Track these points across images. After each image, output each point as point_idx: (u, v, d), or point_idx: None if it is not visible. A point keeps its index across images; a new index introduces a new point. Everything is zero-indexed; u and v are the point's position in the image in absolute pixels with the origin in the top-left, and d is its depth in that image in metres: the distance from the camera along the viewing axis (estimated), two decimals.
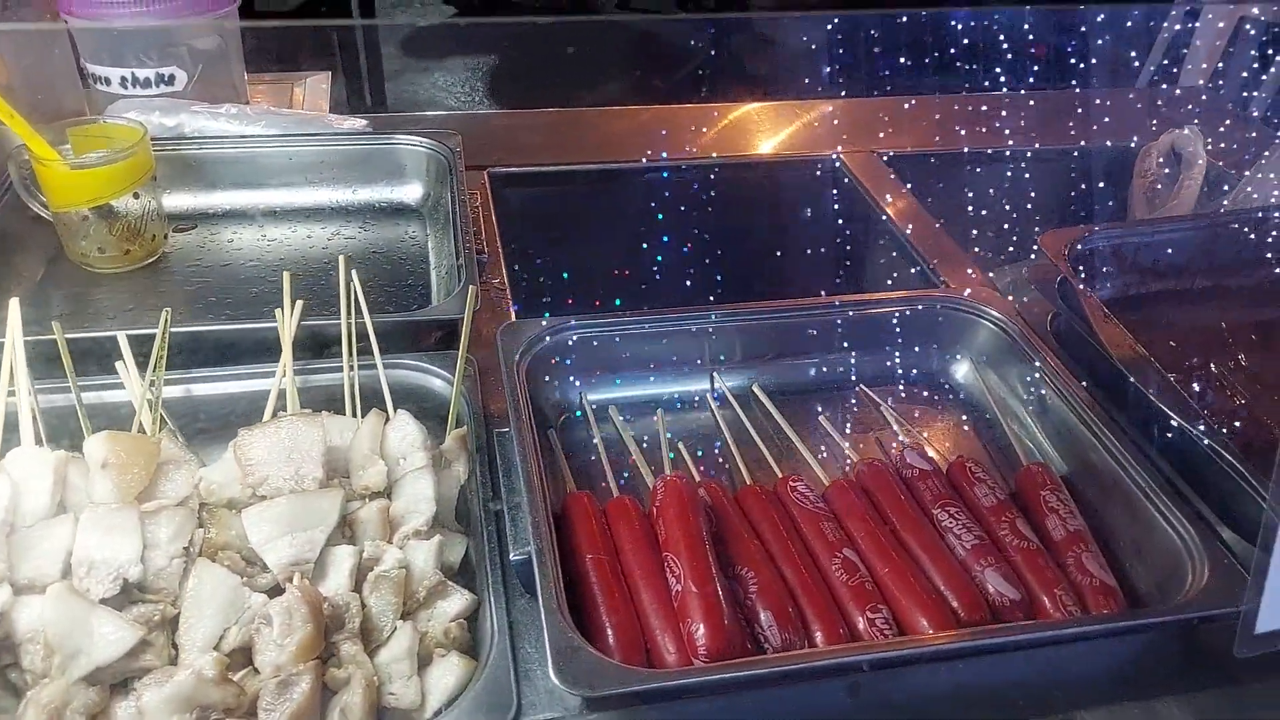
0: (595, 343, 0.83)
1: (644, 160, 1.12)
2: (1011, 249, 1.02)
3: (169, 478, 0.65)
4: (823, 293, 0.91)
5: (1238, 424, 0.73)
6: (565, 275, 1.06)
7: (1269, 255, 0.87)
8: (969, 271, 0.95)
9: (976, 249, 1.02)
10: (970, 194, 1.16)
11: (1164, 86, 1.43)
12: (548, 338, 0.81)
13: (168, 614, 0.58)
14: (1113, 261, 0.88)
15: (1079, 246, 0.86)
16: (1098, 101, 1.35)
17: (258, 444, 0.65)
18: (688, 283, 1.02)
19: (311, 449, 0.65)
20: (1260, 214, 0.88)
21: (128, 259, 0.94)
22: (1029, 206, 1.15)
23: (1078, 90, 1.34)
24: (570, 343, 0.82)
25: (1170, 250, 0.87)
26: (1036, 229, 1.13)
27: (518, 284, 0.94)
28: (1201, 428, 0.68)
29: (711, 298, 0.94)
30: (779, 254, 1.05)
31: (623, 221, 1.09)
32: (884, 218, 1.05)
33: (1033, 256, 0.89)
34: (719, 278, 1.03)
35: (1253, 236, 0.86)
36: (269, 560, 0.60)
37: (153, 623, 0.57)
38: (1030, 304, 0.88)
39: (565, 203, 1.12)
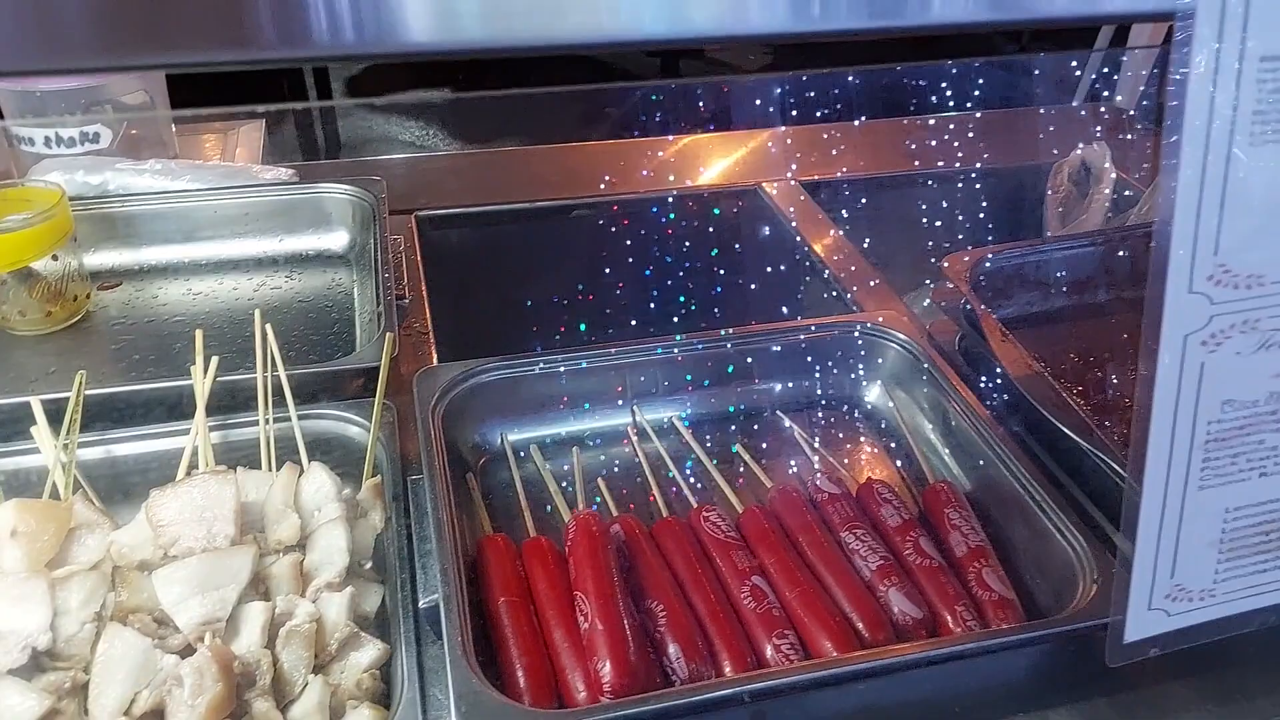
0: (515, 383, 0.84)
1: (567, 198, 1.14)
2: (929, 271, 1.05)
3: (81, 542, 0.66)
4: (753, 321, 0.93)
5: (1127, 433, 0.76)
6: (491, 315, 1.08)
7: None
8: (885, 296, 0.98)
9: (895, 273, 1.05)
10: (890, 218, 1.20)
11: (1091, 104, 1.47)
12: (466, 381, 0.82)
13: (79, 681, 0.58)
14: (1015, 280, 0.91)
15: (981, 268, 0.89)
16: (1023, 121, 1.39)
17: (169, 504, 0.66)
18: (613, 317, 1.04)
19: (223, 507, 0.66)
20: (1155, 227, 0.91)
21: (50, 321, 0.95)
22: (950, 227, 1.18)
23: (1005, 110, 1.39)
24: (490, 384, 0.83)
25: (1069, 267, 0.90)
26: (954, 250, 1.16)
27: (443, 326, 0.95)
28: (1092, 439, 0.71)
29: (637, 331, 0.96)
30: (701, 286, 1.07)
31: (548, 259, 1.11)
32: (803, 246, 1.08)
33: (940, 279, 0.92)
34: (643, 312, 1.04)
35: (1147, 250, 0.89)
36: (180, 621, 0.61)
37: (63, 690, 0.58)
38: (940, 325, 0.91)
39: (491, 242, 1.13)
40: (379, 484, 0.72)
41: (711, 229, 1.14)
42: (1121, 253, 0.89)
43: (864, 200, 1.20)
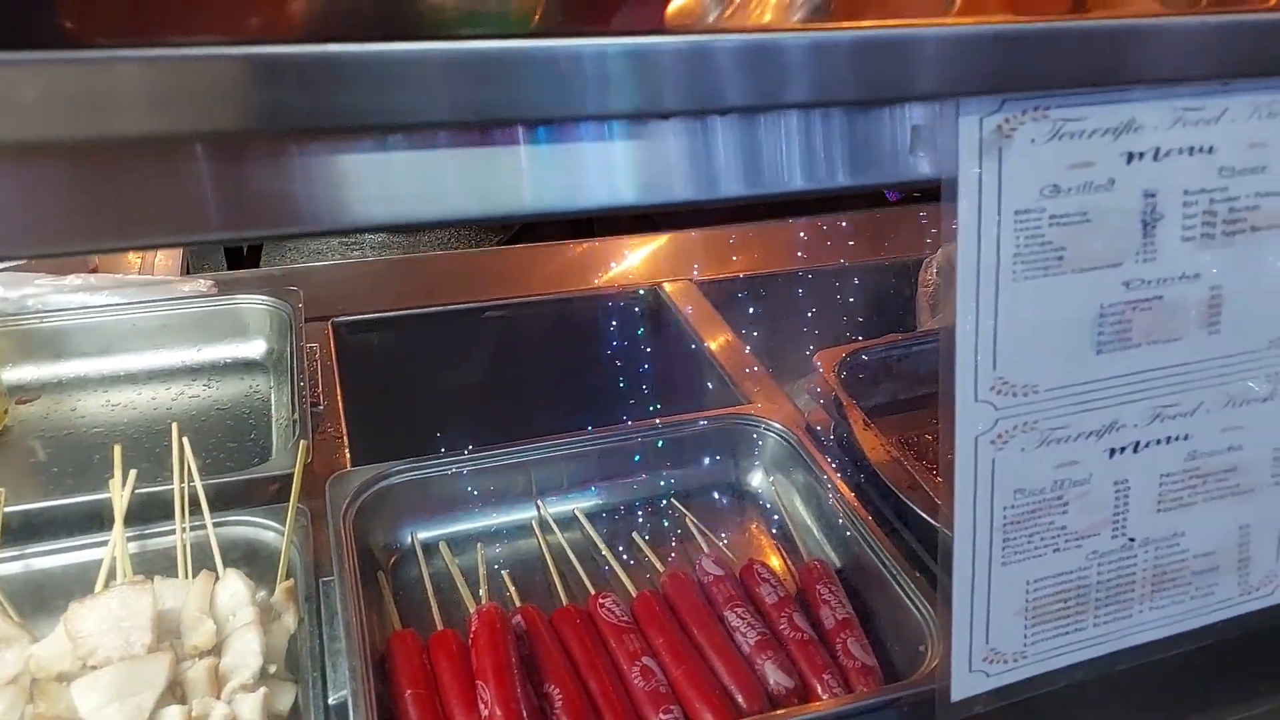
0: (425, 484, 0.90)
1: (478, 301, 1.22)
2: (810, 363, 1.15)
3: None
4: (651, 413, 1.01)
5: None
6: (404, 416, 1.14)
7: None
8: (770, 387, 1.07)
9: (782, 363, 1.14)
10: (778, 312, 1.30)
11: None
12: (377, 484, 0.88)
13: None
14: (880, 371, 1.01)
15: (848, 362, 0.99)
16: (905, 219, 1.52)
17: (88, 616, 0.70)
18: (521, 414, 1.11)
19: (141, 616, 0.70)
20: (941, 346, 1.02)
21: None
22: (834, 320, 1.29)
23: (890, 209, 1.51)
24: (400, 486, 0.89)
25: (926, 358, 1.01)
26: (838, 339, 1.26)
27: (357, 429, 1.01)
28: (939, 517, 0.80)
29: (545, 425, 1.02)
30: (604, 381, 1.15)
31: (459, 360, 1.18)
32: (698, 342, 1.16)
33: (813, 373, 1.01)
34: (549, 408, 1.12)
35: None
36: None
37: None
38: (815, 415, 1.00)
39: (405, 346, 1.20)
40: (292, 587, 0.77)
41: (614, 327, 1.23)
42: None
43: (754, 296, 1.30)
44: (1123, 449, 0.61)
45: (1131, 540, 0.63)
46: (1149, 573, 0.65)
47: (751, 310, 1.27)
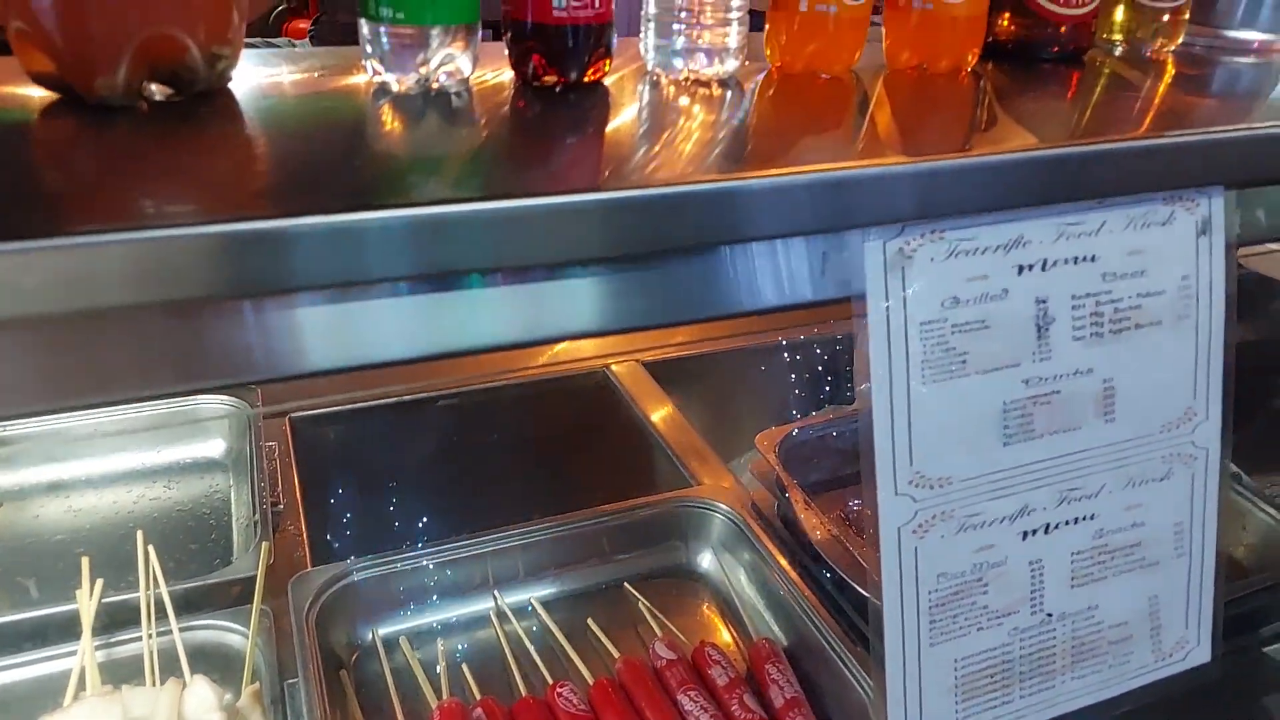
0: (384, 580, 0.93)
1: (430, 390, 1.26)
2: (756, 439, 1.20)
3: None
4: (604, 495, 1.05)
5: None
6: (364, 510, 1.16)
7: None
8: (717, 467, 1.11)
9: (730, 440, 1.19)
10: (725, 389, 1.35)
11: None
12: (338, 583, 0.90)
13: None
14: (818, 450, 1.06)
15: (789, 440, 1.04)
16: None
17: None
18: (478, 502, 1.14)
19: None
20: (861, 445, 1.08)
21: None
22: (780, 393, 1.34)
23: None
24: (360, 584, 0.92)
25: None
26: (779, 412, 1.32)
27: (317, 525, 1.03)
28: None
29: (504, 512, 1.06)
30: (558, 466, 1.19)
31: (413, 451, 1.21)
32: (645, 423, 1.21)
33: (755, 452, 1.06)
34: (506, 495, 1.15)
35: None
36: None
37: None
38: (759, 494, 1.04)
39: (362, 438, 1.23)
40: (258, 690, 0.79)
41: (564, 410, 1.27)
42: None
43: (700, 373, 1.35)
44: (1035, 531, 0.66)
45: (1049, 615, 0.68)
46: (1068, 645, 0.69)
47: (698, 386, 1.32)
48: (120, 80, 0.53)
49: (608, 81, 0.67)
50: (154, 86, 0.55)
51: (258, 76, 0.63)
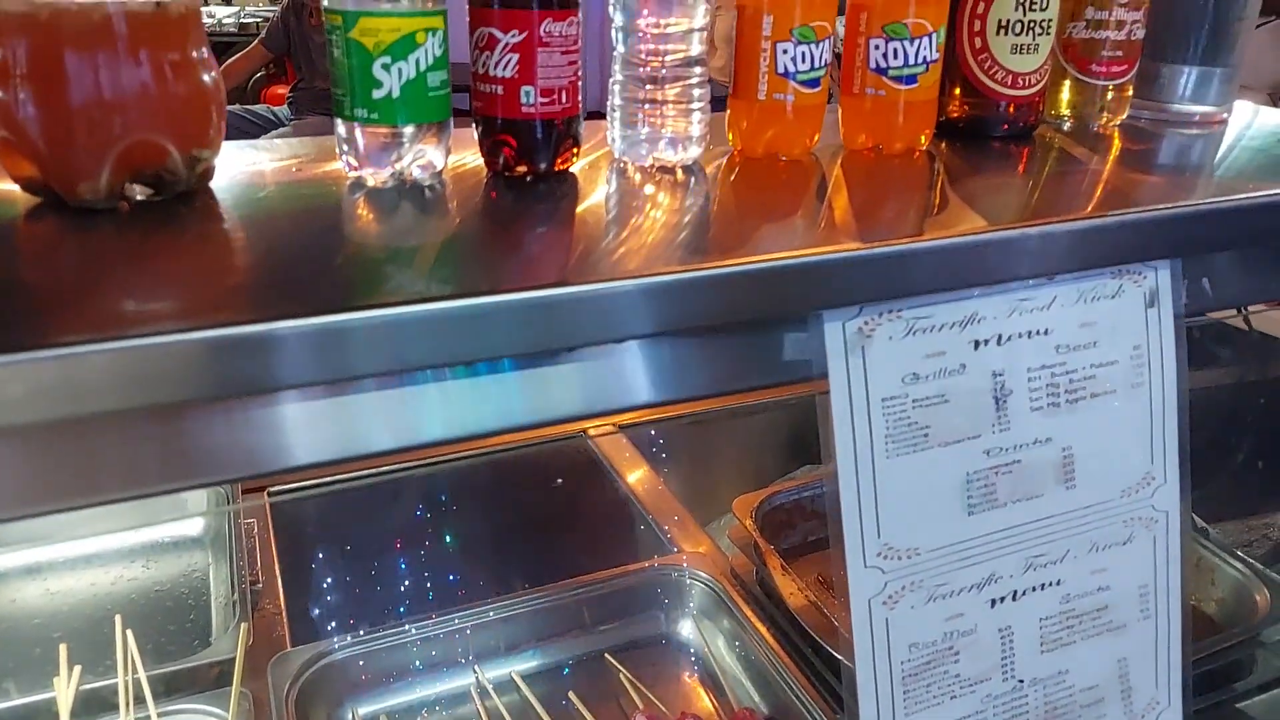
0: (363, 658, 0.93)
1: (407, 462, 1.26)
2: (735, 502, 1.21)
3: None
4: (585, 565, 1.05)
5: None
6: (343, 586, 1.16)
7: None
8: (697, 533, 1.12)
9: (710, 505, 1.20)
10: (705, 454, 1.36)
11: None
12: (317, 663, 0.90)
13: None
14: (795, 514, 1.07)
15: (765, 506, 1.05)
16: None
17: None
18: (456, 575, 1.14)
19: None
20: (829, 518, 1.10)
21: None
22: (763, 457, 1.35)
23: None
24: (339, 663, 0.91)
25: None
26: (758, 475, 1.33)
27: (296, 603, 1.03)
28: None
29: (485, 583, 1.06)
30: (539, 534, 1.19)
31: (394, 525, 1.21)
32: (624, 490, 1.22)
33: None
34: (486, 567, 1.15)
35: None
36: None
37: None
38: (738, 560, 1.05)
39: (339, 513, 1.23)
40: None
41: (544, 477, 1.28)
42: None
43: (678, 438, 1.37)
44: (1003, 598, 0.68)
45: (1021, 681, 0.69)
46: (1041, 710, 0.70)
47: (676, 450, 1.33)
48: (103, 185, 0.55)
49: (577, 169, 0.70)
50: (135, 188, 0.57)
51: (237, 171, 0.65)
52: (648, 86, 0.69)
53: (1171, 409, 0.71)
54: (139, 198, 0.58)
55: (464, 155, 0.70)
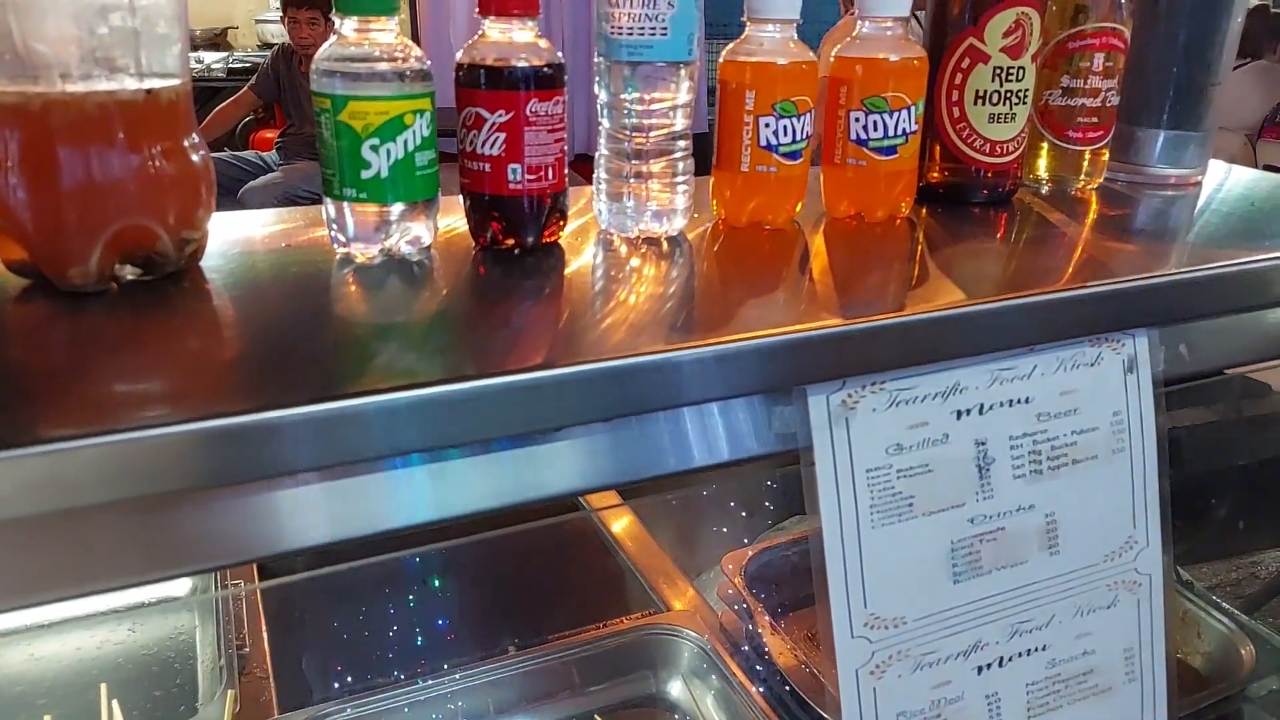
0: None
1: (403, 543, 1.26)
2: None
3: None
4: (576, 633, 1.05)
5: None
6: (330, 651, 1.15)
7: None
8: (687, 591, 1.12)
9: (700, 558, 1.20)
10: (694, 507, 1.36)
11: None
12: None
13: None
14: (785, 569, 1.07)
15: (754, 562, 1.05)
16: None
17: None
18: (449, 636, 1.13)
19: None
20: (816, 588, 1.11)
21: None
22: (753, 509, 1.35)
23: None
24: None
25: None
26: (749, 532, 1.33)
27: (284, 667, 1.02)
28: None
29: (471, 651, 1.05)
30: (526, 592, 1.19)
31: (384, 586, 1.21)
32: (615, 546, 1.22)
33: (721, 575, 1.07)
34: (480, 627, 1.15)
35: None
36: None
37: None
38: (727, 618, 1.05)
39: (328, 577, 1.22)
40: None
41: (532, 532, 1.28)
42: None
43: (667, 490, 1.37)
44: (989, 665, 0.68)
45: None
46: None
47: (665, 503, 1.33)
48: (93, 269, 0.56)
49: (564, 241, 0.71)
50: (125, 269, 0.58)
51: (226, 247, 0.66)
52: (633, 161, 0.70)
53: (1152, 473, 0.72)
54: (129, 278, 0.58)
55: (452, 220, 0.71)
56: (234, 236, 0.69)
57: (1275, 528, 2.03)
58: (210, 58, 5.27)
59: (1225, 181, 0.96)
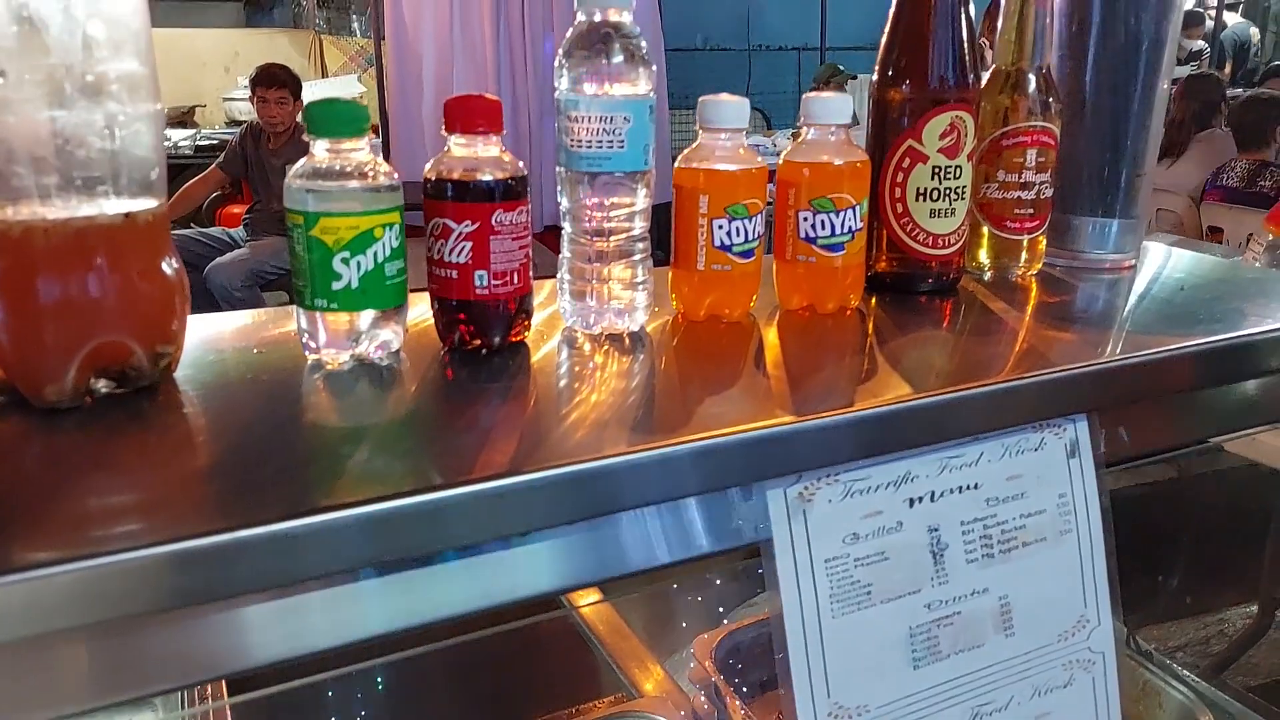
0: None
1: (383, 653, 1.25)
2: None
3: None
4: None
5: None
6: None
7: None
8: (661, 675, 1.12)
9: (672, 640, 1.21)
10: (664, 586, 1.37)
11: None
12: None
13: None
14: (755, 650, 1.08)
15: (724, 644, 1.06)
16: None
17: None
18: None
19: None
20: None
21: None
22: (726, 585, 1.36)
23: None
24: None
25: None
26: (724, 606, 1.34)
27: None
28: None
29: None
30: (496, 676, 1.19)
31: (360, 699, 1.20)
32: (586, 629, 1.22)
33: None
34: (448, 713, 1.14)
35: None
36: None
37: None
38: (699, 702, 1.06)
39: (306, 693, 1.21)
40: None
41: (502, 616, 1.28)
42: None
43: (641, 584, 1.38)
44: None
45: None
46: None
47: (636, 582, 1.34)
48: (69, 386, 0.57)
49: (530, 338, 0.74)
50: (100, 383, 0.59)
51: (200, 354, 0.68)
52: (594, 264, 0.73)
53: (1099, 552, 0.74)
54: (103, 391, 0.60)
55: (422, 310, 0.72)
56: (208, 341, 0.71)
57: (1239, 585, 2.07)
58: (178, 135, 5.30)
59: (1161, 266, 1.01)
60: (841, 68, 5.93)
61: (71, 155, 0.56)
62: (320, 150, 0.63)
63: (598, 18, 0.69)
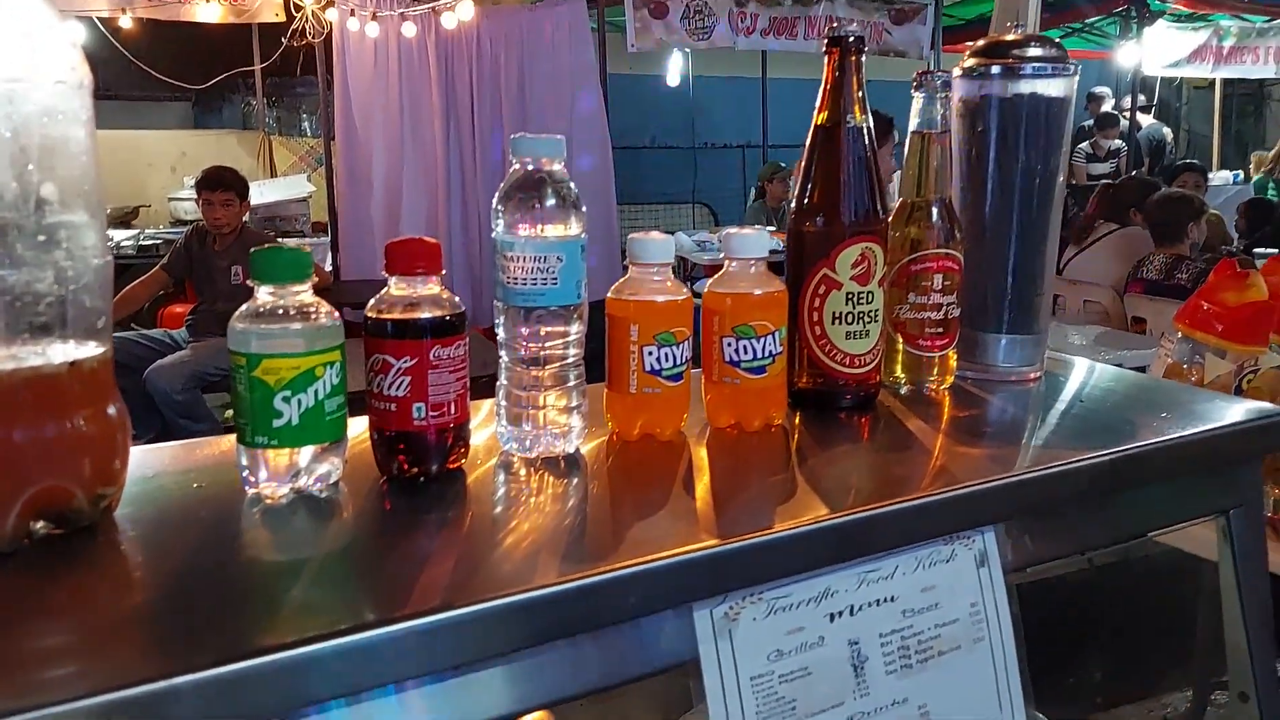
0: None
1: None
2: None
3: None
4: None
5: None
6: None
7: None
8: None
9: None
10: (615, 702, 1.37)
11: None
12: None
13: None
14: None
15: None
16: None
17: None
18: None
19: None
20: None
21: None
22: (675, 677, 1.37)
23: None
24: None
25: None
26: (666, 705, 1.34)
27: None
28: None
29: None
30: None
31: None
32: None
33: None
34: None
35: None
36: None
37: None
38: None
39: None
40: None
41: None
42: None
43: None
44: None
45: None
46: None
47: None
48: (8, 530, 0.59)
49: (468, 464, 0.76)
50: (39, 525, 0.61)
51: (140, 491, 0.69)
52: (530, 391, 0.77)
53: (1011, 657, 0.78)
54: (42, 533, 0.61)
55: (361, 439, 0.74)
56: (148, 481, 0.72)
57: (1180, 667, 2.12)
58: (120, 235, 5.29)
59: (1063, 376, 1.07)
60: (783, 164, 6.18)
61: (20, 308, 0.58)
62: (264, 294, 0.66)
63: (531, 166, 0.75)
